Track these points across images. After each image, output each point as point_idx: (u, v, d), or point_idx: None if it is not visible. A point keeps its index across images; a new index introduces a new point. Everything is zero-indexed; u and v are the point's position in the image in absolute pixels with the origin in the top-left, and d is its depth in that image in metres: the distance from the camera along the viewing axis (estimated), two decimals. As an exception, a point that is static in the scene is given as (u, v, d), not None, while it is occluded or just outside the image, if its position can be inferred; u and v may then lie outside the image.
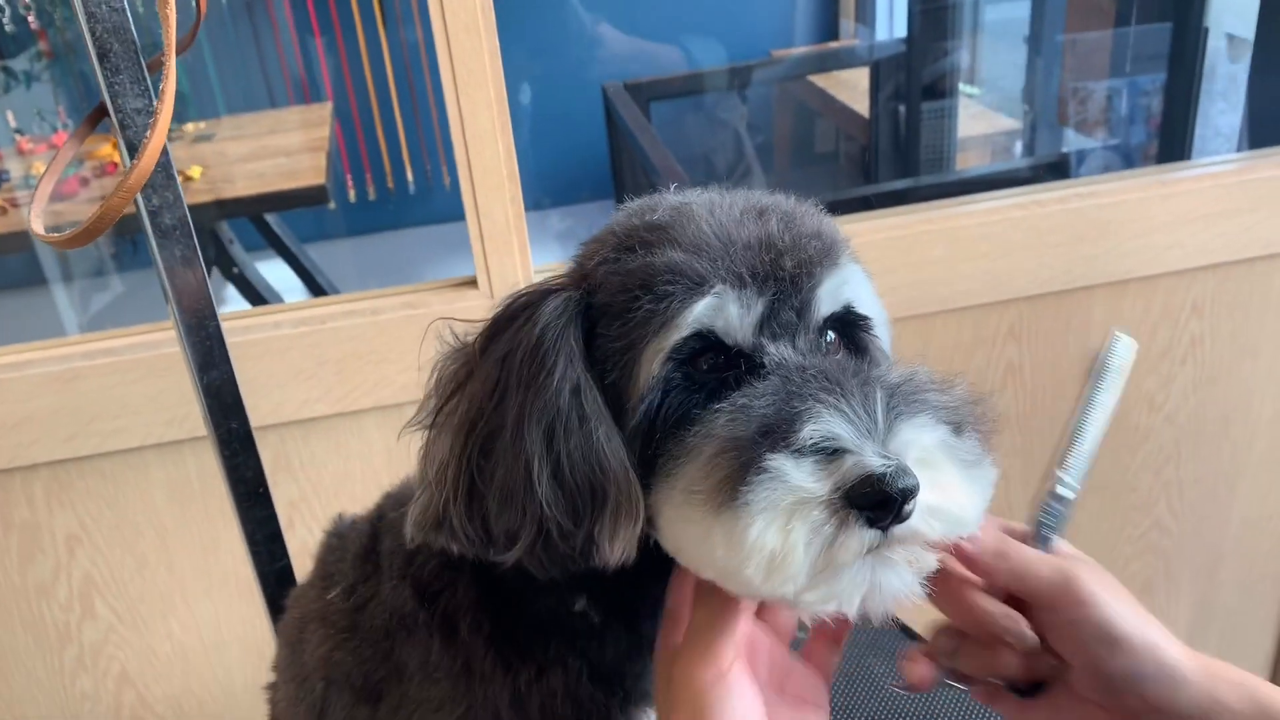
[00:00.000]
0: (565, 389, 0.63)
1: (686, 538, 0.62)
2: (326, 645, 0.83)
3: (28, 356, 1.40)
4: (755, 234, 0.65)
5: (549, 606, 0.75)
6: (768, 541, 0.56)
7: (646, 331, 0.63)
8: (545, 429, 0.63)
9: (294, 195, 2.97)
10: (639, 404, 0.63)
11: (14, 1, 3.41)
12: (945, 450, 0.61)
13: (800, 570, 0.57)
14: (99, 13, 0.80)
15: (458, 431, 0.67)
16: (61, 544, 1.50)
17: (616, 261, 0.66)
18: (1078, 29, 2.93)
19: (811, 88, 3.72)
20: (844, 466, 0.56)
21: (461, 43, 1.34)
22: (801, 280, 0.65)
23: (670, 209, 0.68)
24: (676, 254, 0.64)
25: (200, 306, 0.90)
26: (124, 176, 0.64)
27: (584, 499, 0.63)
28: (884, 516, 0.57)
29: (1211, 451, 1.80)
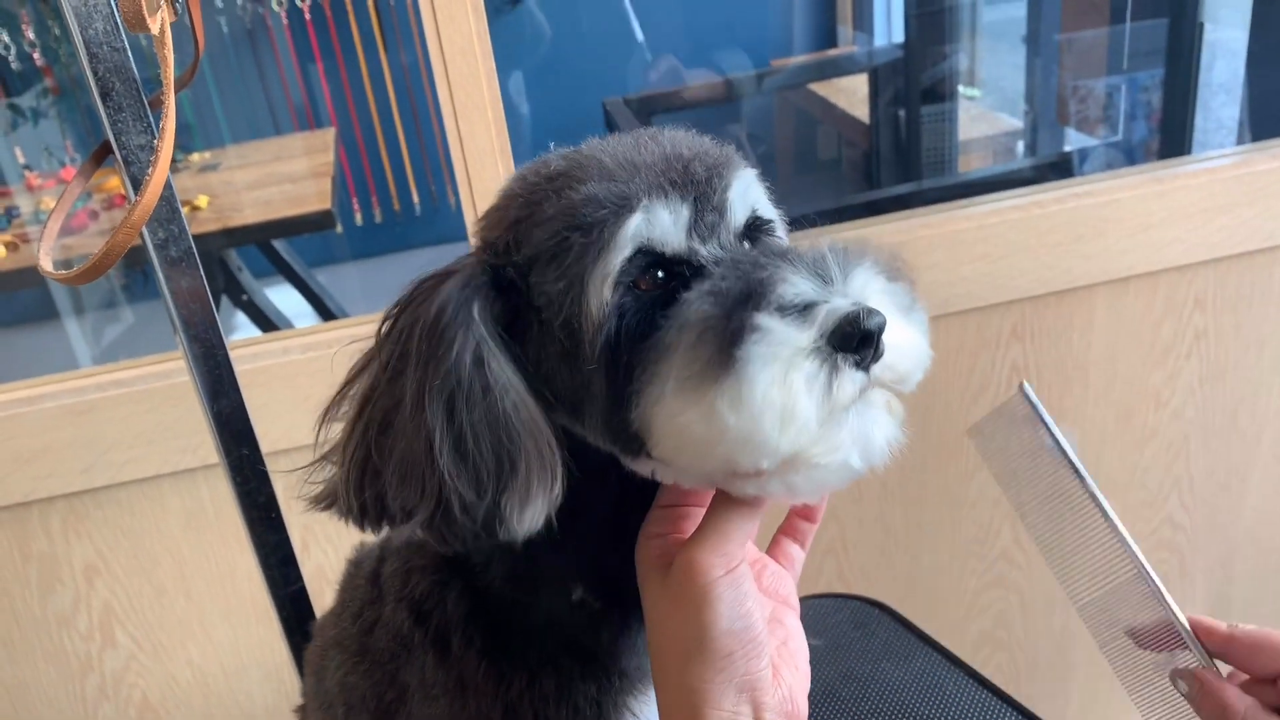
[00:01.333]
0: (466, 360, 0.63)
1: (689, 427, 0.60)
2: (343, 670, 0.85)
3: (42, 390, 1.42)
4: (656, 154, 0.67)
5: (545, 607, 0.75)
6: (774, 394, 0.58)
7: (585, 263, 0.63)
8: (446, 401, 0.63)
9: (301, 221, 3.00)
10: (597, 334, 0.63)
11: (20, 39, 3.46)
12: (889, 294, 0.64)
13: (810, 417, 0.59)
14: (100, 52, 0.81)
15: (354, 409, 0.68)
16: (80, 574, 1.52)
17: (531, 216, 0.66)
18: (1074, 28, 2.94)
19: (812, 95, 3.74)
20: (820, 314, 0.59)
21: (458, 66, 1.36)
22: (715, 182, 0.67)
23: (563, 158, 0.69)
24: (591, 186, 0.64)
25: (209, 336, 0.91)
26: (128, 213, 0.65)
27: (489, 470, 0.63)
28: (867, 354, 0.60)
29: (1221, 445, 1.81)
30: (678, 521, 0.71)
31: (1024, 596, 1.85)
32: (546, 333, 0.65)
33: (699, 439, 0.60)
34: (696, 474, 0.65)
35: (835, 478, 0.62)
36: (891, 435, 0.64)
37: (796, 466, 0.60)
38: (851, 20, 3.95)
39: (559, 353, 0.65)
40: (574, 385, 0.65)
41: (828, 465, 0.61)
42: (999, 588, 1.84)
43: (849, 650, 1.29)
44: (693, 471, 0.65)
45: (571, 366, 0.65)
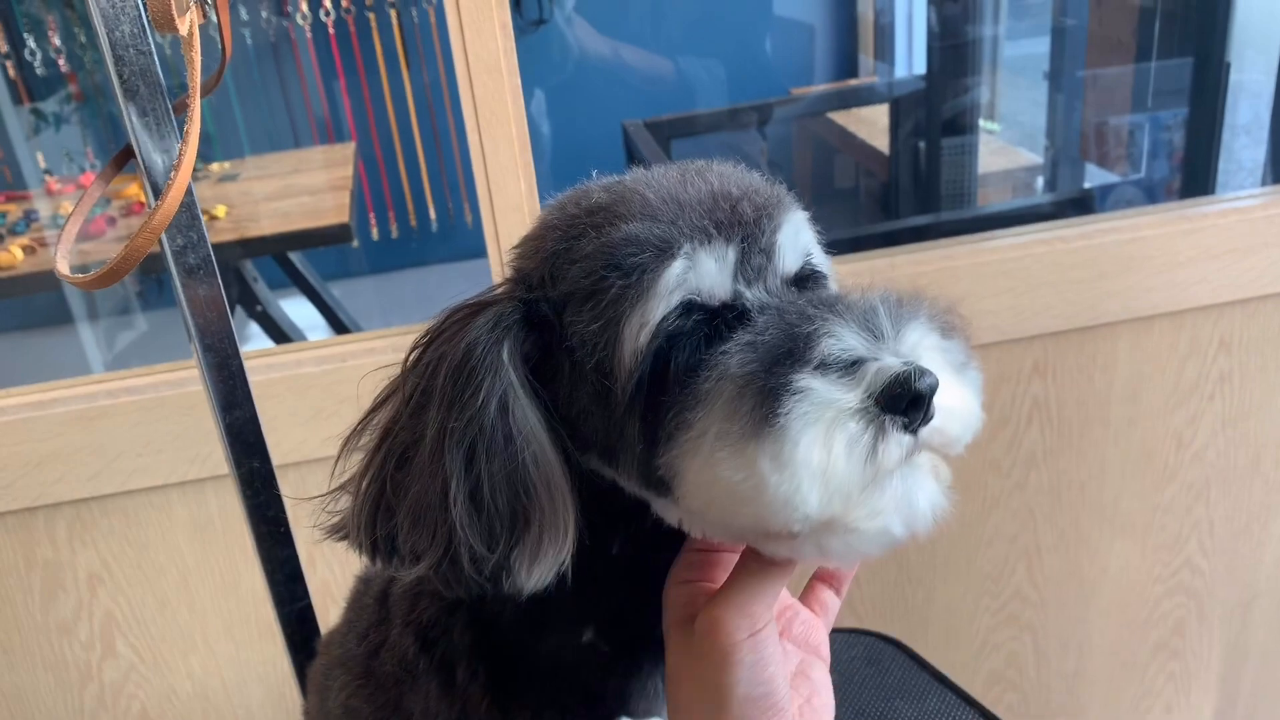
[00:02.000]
0: (491, 406, 0.61)
1: (724, 481, 0.58)
2: (346, 692, 0.83)
3: (53, 395, 1.41)
4: (703, 191, 0.64)
5: (552, 645, 0.73)
6: (815, 457, 0.55)
7: (622, 308, 0.61)
8: (467, 448, 0.61)
9: (318, 234, 3.00)
10: (629, 380, 0.61)
11: (45, 45, 3.48)
12: (942, 352, 0.61)
13: (851, 483, 0.56)
14: (126, 55, 0.80)
15: (374, 440, 0.66)
16: (84, 582, 1.50)
17: (569, 250, 0.64)
18: (1098, 65, 2.93)
19: (831, 125, 3.73)
20: (869, 373, 0.56)
21: (484, 83, 1.35)
22: (764, 223, 0.64)
23: (605, 190, 0.67)
24: (633, 225, 0.62)
25: (224, 346, 0.90)
26: (148, 217, 0.64)
27: (502, 523, 0.61)
28: (916, 417, 0.57)
29: (1242, 489, 1.78)
30: (709, 568, 0.69)
31: (1037, 637, 1.82)
32: (579, 373, 0.63)
33: (731, 496, 0.58)
34: (725, 530, 0.63)
35: (873, 544, 0.59)
36: (936, 501, 0.60)
37: (833, 531, 0.58)
38: (873, 50, 3.95)
39: (592, 394, 0.63)
40: (607, 428, 0.63)
41: (865, 531, 0.58)
42: (1012, 626, 1.81)
43: (862, 687, 1.26)
44: (721, 527, 0.63)
45: (604, 409, 0.63)
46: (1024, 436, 1.67)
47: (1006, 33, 3.32)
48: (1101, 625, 1.84)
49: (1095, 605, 1.82)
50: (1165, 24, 2.64)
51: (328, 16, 3.76)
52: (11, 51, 3.45)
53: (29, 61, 3.47)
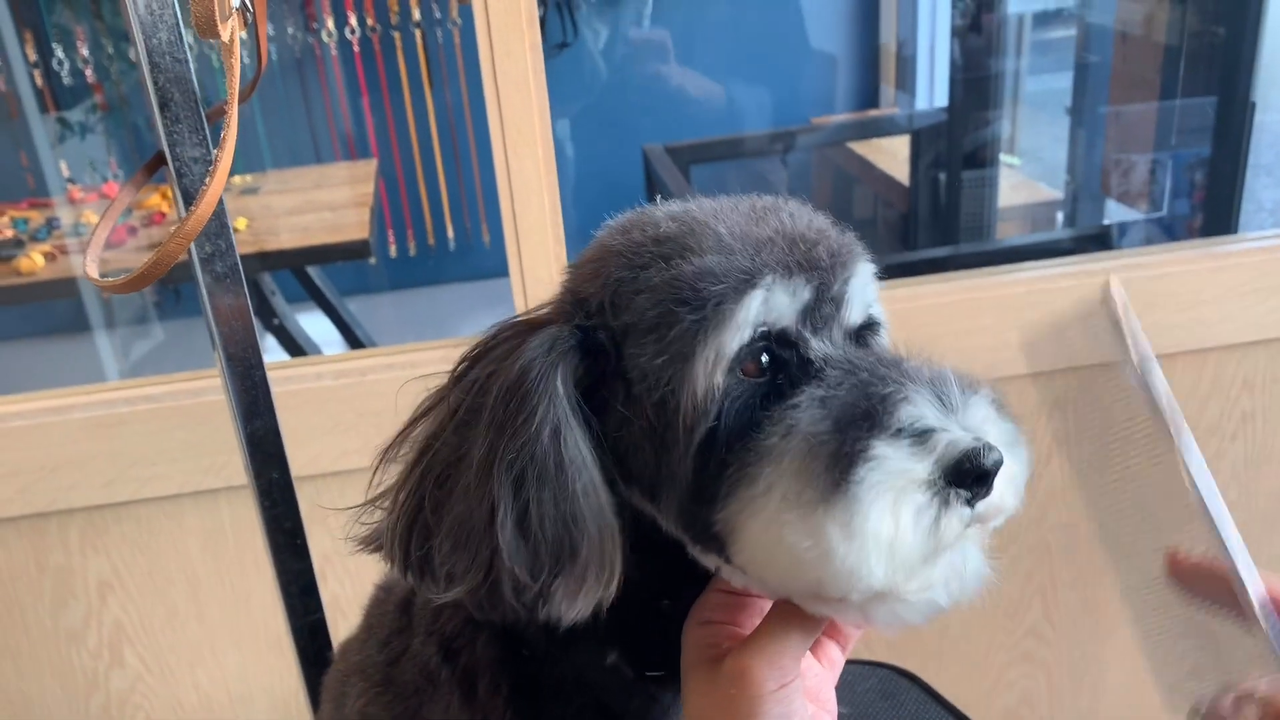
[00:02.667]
0: (545, 433, 0.60)
1: (784, 545, 0.57)
2: (363, 700, 0.82)
3: (70, 401, 1.41)
4: (775, 229, 0.63)
5: (577, 664, 0.72)
6: (884, 529, 0.55)
7: (693, 341, 0.59)
8: (517, 474, 0.60)
9: (337, 249, 3.00)
10: (698, 419, 0.59)
11: (73, 55, 3.51)
12: (1001, 428, 0.61)
13: (915, 556, 0.56)
14: (162, 62, 0.81)
15: (414, 453, 0.65)
16: (94, 590, 1.50)
17: (634, 279, 0.63)
18: (1122, 101, 2.93)
19: (851, 154, 3.74)
20: (940, 445, 0.56)
21: (512, 101, 1.35)
22: (838, 271, 0.63)
23: (672, 220, 0.65)
24: (707, 259, 0.61)
25: (248, 355, 0.89)
26: (181, 223, 0.64)
27: (549, 553, 0.60)
28: (979, 492, 0.57)
29: (1263, 531, 1.76)
30: (735, 611, 0.68)
31: (1051, 675, 1.80)
32: (634, 406, 0.62)
33: (794, 560, 0.57)
34: (773, 588, 0.62)
35: (919, 615, 0.59)
36: (982, 571, 0.61)
37: (884, 600, 0.58)
38: (894, 81, 3.96)
39: (645, 429, 0.62)
40: (656, 466, 0.62)
41: (915, 603, 0.58)
42: (1027, 663, 1.79)
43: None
44: (771, 586, 0.62)
45: (657, 447, 0.62)
46: (1043, 471, 1.65)
47: (1029, 68, 3.33)
48: (1117, 665, 1.82)
49: (1111, 645, 1.80)
50: (1190, 63, 2.64)
51: (353, 34, 3.79)
52: (40, 61, 3.48)
53: (56, 71, 3.50)
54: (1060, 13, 3.34)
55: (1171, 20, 2.64)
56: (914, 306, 1.52)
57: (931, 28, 3.78)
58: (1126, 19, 2.81)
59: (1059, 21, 3.32)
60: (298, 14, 3.78)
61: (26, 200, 3.30)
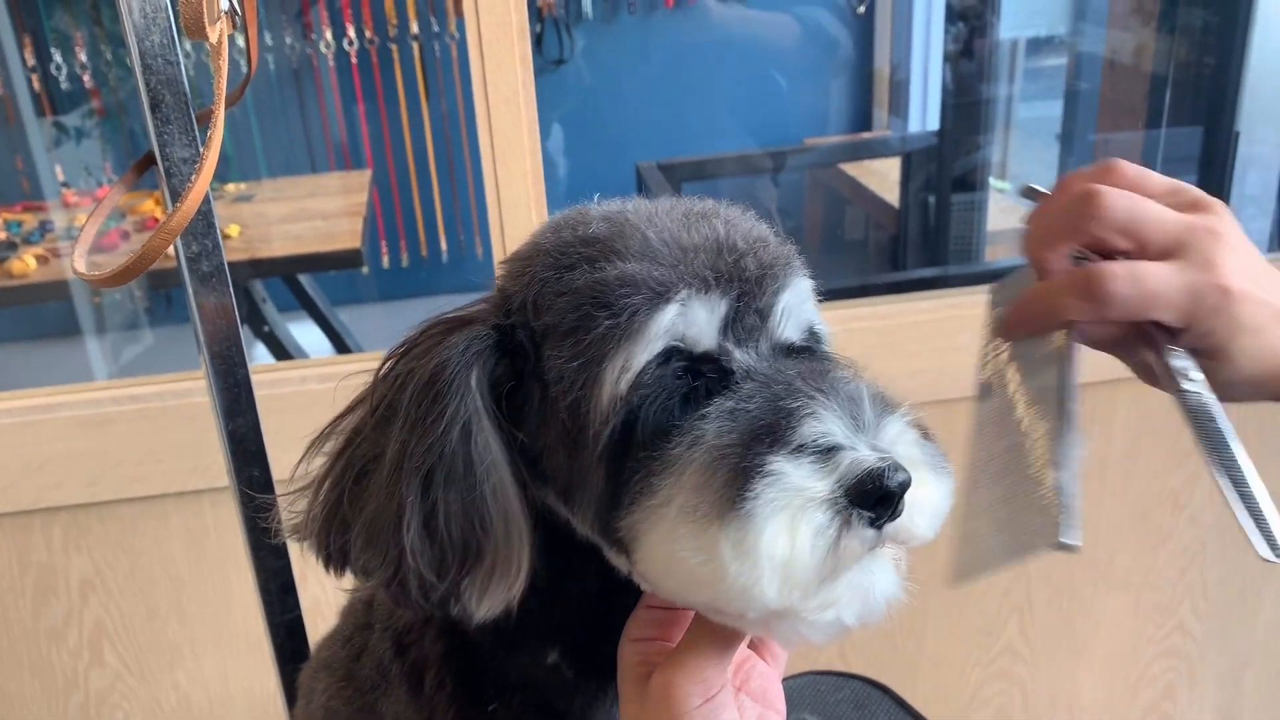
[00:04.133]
0: (454, 432, 0.60)
1: (683, 559, 0.56)
2: (328, 694, 0.84)
3: (58, 399, 1.42)
4: (705, 237, 0.63)
5: (520, 663, 0.73)
6: (779, 547, 0.54)
7: (607, 348, 0.59)
8: (426, 472, 0.60)
9: (328, 258, 3.02)
10: (604, 425, 0.59)
11: (72, 60, 3.53)
12: (919, 449, 0.60)
13: (810, 576, 0.54)
14: (155, 65, 0.82)
15: (337, 446, 0.66)
16: (76, 589, 1.51)
17: (558, 280, 0.62)
18: (1110, 129, 2.96)
19: (843, 175, 3.77)
20: (843, 464, 0.55)
21: (502, 115, 1.37)
22: (765, 283, 0.62)
23: (603, 220, 0.65)
24: (629, 265, 0.60)
25: (231, 354, 0.91)
26: (166, 219, 0.66)
27: (454, 553, 0.60)
28: (884, 513, 0.55)
29: (1238, 553, 1.77)
30: (665, 627, 0.67)
31: (1026, 693, 1.81)
32: (550, 408, 0.62)
33: (688, 575, 0.57)
34: (675, 599, 0.62)
35: (822, 634, 0.58)
36: (892, 593, 0.59)
37: (783, 617, 0.57)
38: (888, 105, 3.99)
39: (560, 432, 0.61)
40: (570, 470, 0.62)
41: (816, 623, 0.57)
42: (1002, 680, 1.80)
43: (847, 730, 1.26)
44: (671, 597, 0.61)
45: (569, 450, 0.61)
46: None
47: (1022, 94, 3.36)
48: (1092, 684, 1.83)
49: (1086, 663, 1.81)
50: (1176, 92, 2.67)
51: (351, 46, 3.81)
52: (38, 65, 3.50)
53: (54, 75, 3.52)
54: (1052, 40, 3.37)
55: (1159, 50, 2.68)
56: (896, 324, 1.54)
57: (925, 52, 3.81)
58: (1117, 47, 2.85)
59: (1051, 49, 3.36)
60: (296, 24, 3.80)
61: (21, 204, 3.31)
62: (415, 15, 3.83)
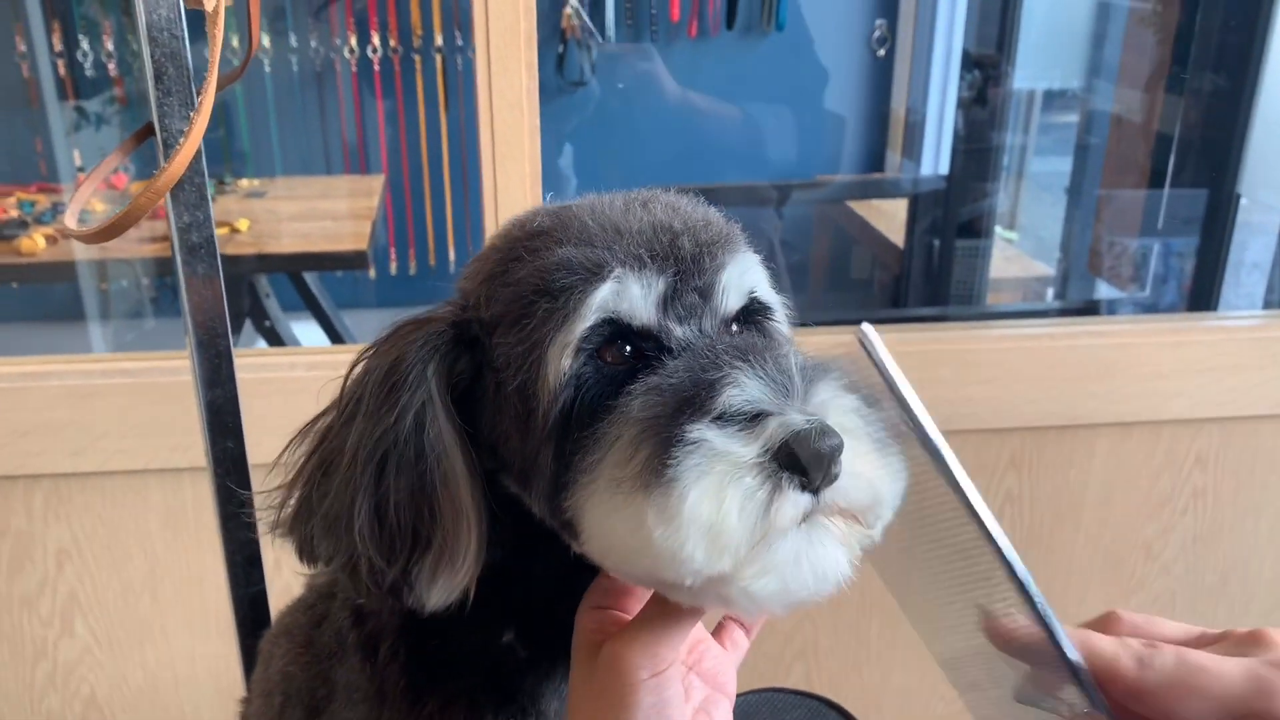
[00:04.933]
0: (407, 421, 0.62)
1: (616, 531, 0.57)
2: (286, 659, 0.85)
3: (50, 368, 1.44)
4: (645, 221, 0.64)
5: (473, 640, 0.74)
6: (703, 512, 0.54)
7: (548, 329, 0.61)
8: (379, 461, 0.62)
9: (335, 257, 3.05)
10: (550, 405, 0.61)
11: (98, 48, 3.58)
12: (860, 417, 0.59)
13: (739, 540, 0.54)
14: (160, 38, 0.85)
15: (310, 444, 0.69)
16: (52, 557, 1.52)
17: (504, 274, 0.65)
18: (1114, 185, 2.99)
19: (851, 213, 3.80)
20: (769, 428, 0.55)
21: (504, 119, 1.40)
22: (704, 261, 0.63)
23: (549, 215, 0.67)
24: (567, 250, 0.62)
25: (214, 323, 0.93)
26: (154, 177, 0.68)
27: (403, 540, 0.62)
28: (815, 477, 0.55)
29: (1208, 607, 1.78)
30: (621, 598, 0.69)
31: (990, 732, 1.82)
32: (503, 396, 0.64)
33: (624, 546, 0.58)
34: (620, 573, 0.63)
35: (771, 603, 0.57)
36: (839, 566, 0.58)
37: (724, 584, 0.56)
38: (900, 147, 4.03)
39: (514, 417, 0.63)
40: (524, 454, 0.64)
41: (758, 591, 0.56)
42: (966, 716, 1.80)
43: (800, 748, 1.26)
44: (616, 570, 0.63)
45: (523, 435, 0.63)
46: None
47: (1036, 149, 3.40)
48: (1056, 729, 1.83)
49: (1051, 707, 1.82)
50: (1181, 152, 2.70)
51: (375, 53, 3.86)
52: (65, 51, 3.55)
53: (79, 62, 3.57)
54: (1065, 93, 3.41)
55: (1167, 110, 2.71)
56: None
57: (941, 97, 3.85)
58: (1125, 105, 2.88)
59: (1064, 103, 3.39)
60: (322, 29, 3.86)
61: (36, 184, 3.35)
62: (440, 27, 3.87)
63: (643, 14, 3.87)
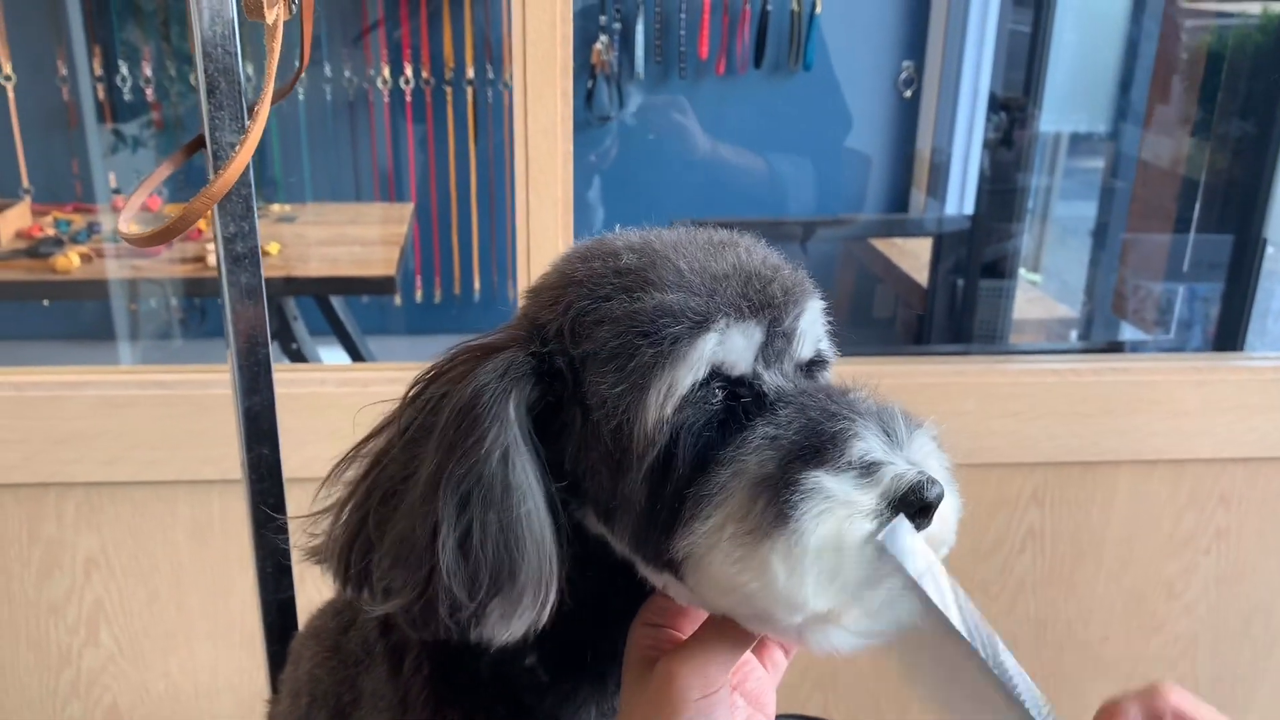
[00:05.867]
0: (494, 457, 0.62)
1: (736, 575, 0.60)
2: (313, 662, 0.86)
3: (86, 378, 1.47)
4: (732, 265, 0.66)
5: (496, 659, 0.74)
6: (826, 558, 0.58)
7: (650, 376, 0.61)
8: (462, 495, 0.62)
9: (362, 282, 3.09)
10: (648, 448, 0.62)
11: (137, 73, 3.65)
12: (942, 461, 0.64)
13: (856, 585, 0.58)
14: (214, 53, 0.88)
15: (362, 469, 0.68)
16: (80, 566, 1.54)
17: (596, 309, 0.65)
18: (1139, 229, 3.00)
19: (874, 252, 3.81)
20: (886, 478, 0.59)
21: (538, 144, 1.43)
22: (790, 307, 0.66)
23: (632, 251, 0.67)
24: (667, 295, 0.63)
25: (255, 332, 0.95)
26: (209, 184, 0.70)
27: (488, 574, 0.62)
28: (922, 523, 0.59)
29: (1230, 650, 1.77)
30: (676, 617, 0.70)
31: (1008, 770, 1.80)
32: (592, 432, 0.64)
33: (741, 589, 0.60)
34: (728, 612, 0.64)
35: (856, 642, 0.61)
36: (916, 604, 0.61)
37: (825, 624, 0.60)
38: (925, 186, 4.05)
39: (603, 455, 0.64)
40: (612, 491, 0.64)
41: (853, 629, 0.60)
42: (983, 755, 1.79)
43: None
44: (719, 610, 0.65)
45: (613, 471, 0.64)
46: (1015, 563, 1.68)
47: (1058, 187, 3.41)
48: (1074, 769, 1.82)
49: (1070, 747, 1.81)
50: (1207, 198, 2.71)
51: (407, 84, 3.92)
52: (104, 75, 3.62)
53: (119, 86, 3.64)
54: (1091, 136, 3.43)
55: (1194, 156, 2.72)
56: (902, 385, 1.57)
57: (967, 138, 3.87)
58: (1152, 149, 2.90)
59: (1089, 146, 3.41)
60: (356, 59, 3.92)
61: (72, 204, 3.41)
62: (471, 60, 3.94)
63: (671, 51, 3.92)
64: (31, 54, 3.55)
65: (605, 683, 0.76)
